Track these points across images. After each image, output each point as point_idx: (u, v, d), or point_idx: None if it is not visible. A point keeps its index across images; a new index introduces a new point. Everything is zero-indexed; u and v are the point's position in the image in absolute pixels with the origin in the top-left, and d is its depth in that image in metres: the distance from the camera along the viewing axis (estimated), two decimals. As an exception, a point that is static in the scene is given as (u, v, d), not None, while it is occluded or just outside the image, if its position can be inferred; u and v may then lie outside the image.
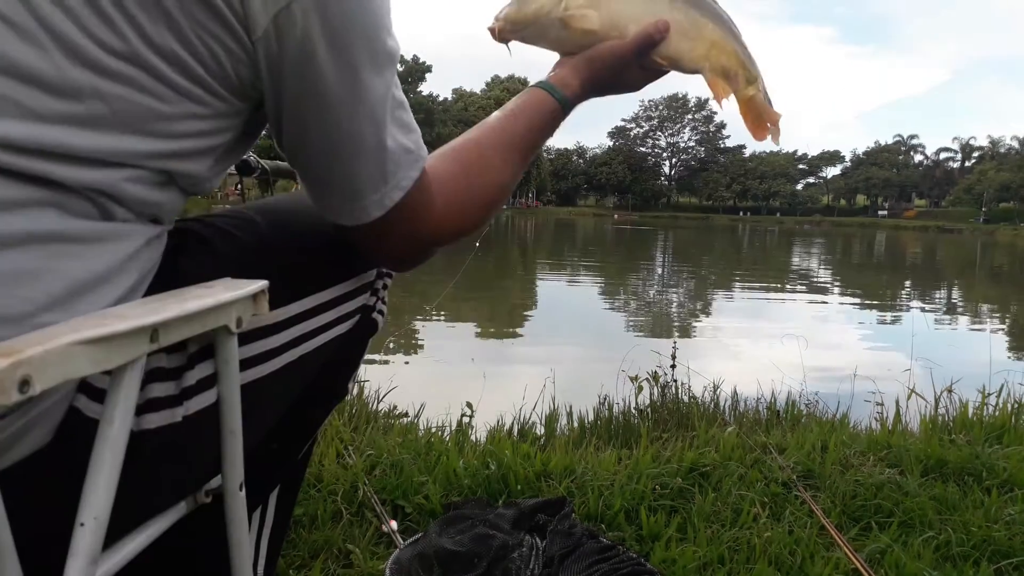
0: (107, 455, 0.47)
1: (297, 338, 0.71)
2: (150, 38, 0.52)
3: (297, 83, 0.59)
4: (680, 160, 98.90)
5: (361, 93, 0.61)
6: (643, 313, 9.44)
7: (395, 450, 1.68)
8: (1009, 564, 1.36)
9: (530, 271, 15.08)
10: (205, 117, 0.58)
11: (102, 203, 0.54)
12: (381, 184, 0.65)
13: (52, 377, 0.39)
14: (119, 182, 0.55)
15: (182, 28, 0.53)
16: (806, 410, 2.74)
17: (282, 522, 0.91)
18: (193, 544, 0.72)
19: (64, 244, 0.52)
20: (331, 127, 0.61)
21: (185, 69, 0.55)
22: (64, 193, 0.52)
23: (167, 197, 0.60)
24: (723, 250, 26.82)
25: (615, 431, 2.37)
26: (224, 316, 0.56)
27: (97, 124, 0.52)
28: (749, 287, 13.29)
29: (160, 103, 0.54)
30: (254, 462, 0.74)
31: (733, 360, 5.76)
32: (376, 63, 0.61)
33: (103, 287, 0.55)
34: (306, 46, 0.57)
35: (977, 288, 14.73)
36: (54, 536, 0.48)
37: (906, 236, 51.38)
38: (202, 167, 0.61)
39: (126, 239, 0.57)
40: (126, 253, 0.57)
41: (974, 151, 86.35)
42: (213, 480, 0.67)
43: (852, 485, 1.65)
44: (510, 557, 1.22)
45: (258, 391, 0.69)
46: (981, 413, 2.40)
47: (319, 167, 0.66)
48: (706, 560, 1.33)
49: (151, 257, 0.61)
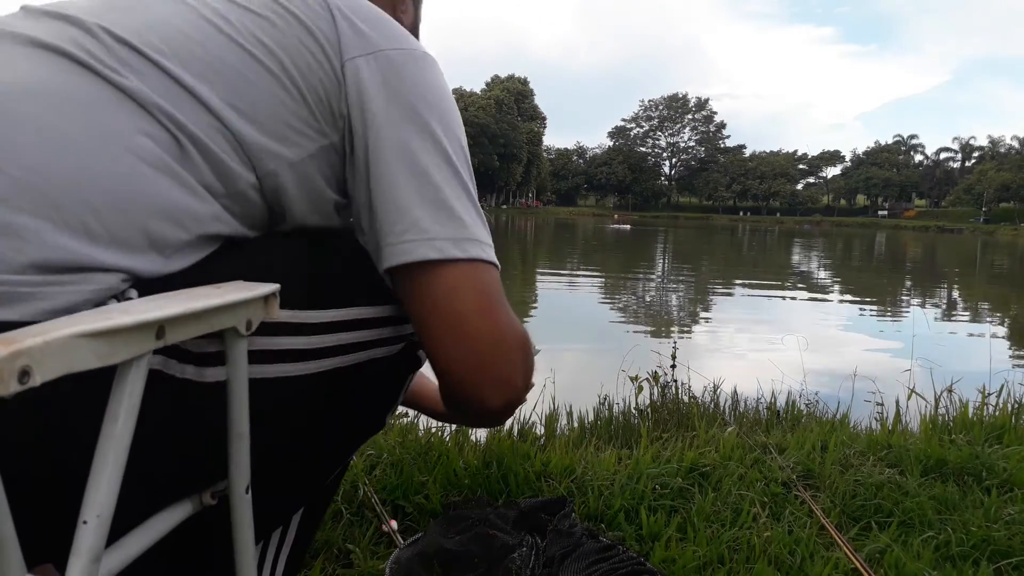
0: (110, 452, 0.47)
1: (335, 347, 0.70)
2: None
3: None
4: (680, 160, 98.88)
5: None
6: (643, 313, 9.44)
7: (395, 450, 1.68)
8: (1009, 564, 1.36)
9: (530, 270, 15.08)
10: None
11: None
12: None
13: (52, 369, 0.39)
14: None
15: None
16: (806, 410, 2.74)
17: (302, 545, 0.89)
18: (204, 555, 0.72)
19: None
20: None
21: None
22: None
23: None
24: (723, 250, 26.82)
25: (615, 431, 2.36)
26: (233, 317, 0.56)
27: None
28: (749, 287, 13.29)
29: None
30: (278, 478, 0.72)
31: (733, 360, 5.76)
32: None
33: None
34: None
35: (977, 288, 14.72)
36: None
37: (906, 236, 51.36)
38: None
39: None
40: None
41: (974, 151, 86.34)
42: (220, 482, 0.66)
43: (852, 485, 1.65)
44: (510, 557, 1.22)
45: (288, 392, 0.68)
46: (981, 413, 2.40)
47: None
48: (706, 560, 1.33)
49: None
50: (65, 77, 0.62)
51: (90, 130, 0.61)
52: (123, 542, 0.55)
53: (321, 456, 0.79)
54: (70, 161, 0.59)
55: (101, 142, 0.61)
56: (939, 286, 15.20)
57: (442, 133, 0.72)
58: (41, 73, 0.62)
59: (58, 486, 0.56)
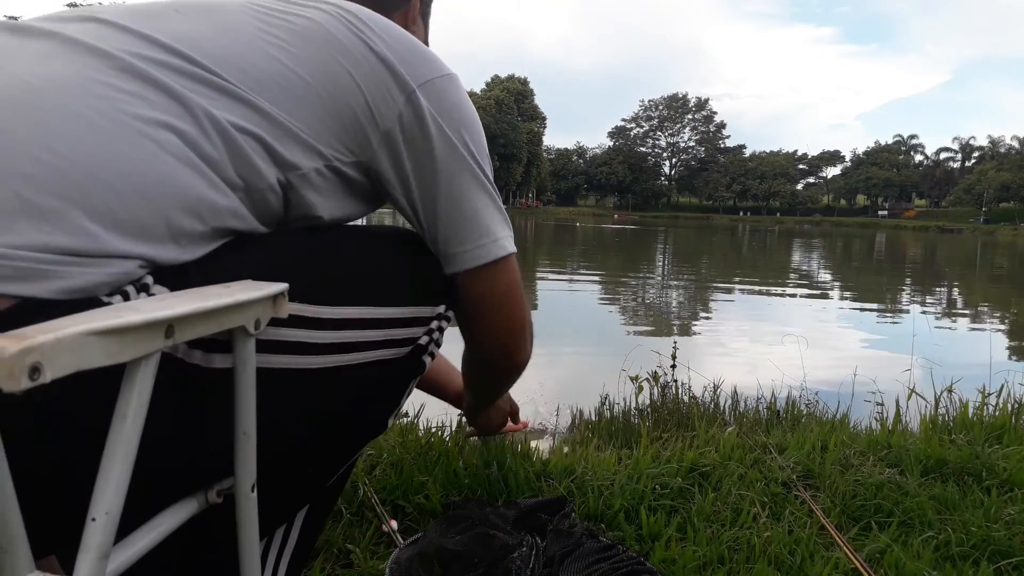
0: (119, 450, 0.47)
1: (340, 344, 0.71)
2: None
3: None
4: (680, 160, 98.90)
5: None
6: (643, 313, 9.44)
7: (395, 450, 1.68)
8: (1009, 564, 1.36)
9: (530, 270, 15.08)
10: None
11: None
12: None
13: (63, 366, 0.39)
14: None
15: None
16: (806, 410, 2.74)
17: (306, 544, 0.90)
18: (209, 553, 0.72)
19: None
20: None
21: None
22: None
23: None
24: (723, 250, 26.83)
25: (615, 431, 2.36)
26: (242, 317, 0.57)
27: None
28: (749, 287, 13.29)
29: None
30: (282, 475, 0.73)
31: (733, 360, 5.75)
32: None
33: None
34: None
35: (977, 288, 14.72)
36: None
37: (906, 236, 51.37)
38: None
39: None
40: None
41: (974, 151, 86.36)
42: (226, 481, 0.66)
43: (852, 485, 1.65)
44: (510, 557, 1.22)
45: (296, 384, 0.69)
46: (981, 413, 2.40)
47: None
48: (706, 560, 1.33)
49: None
50: (96, 71, 0.64)
51: (117, 120, 0.63)
52: (130, 539, 0.55)
53: (324, 453, 0.80)
54: (99, 149, 0.61)
55: (129, 132, 0.63)
56: (939, 286, 15.20)
57: (475, 148, 0.83)
58: (74, 68, 0.64)
59: (65, 482, 0.57)
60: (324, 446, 0.79)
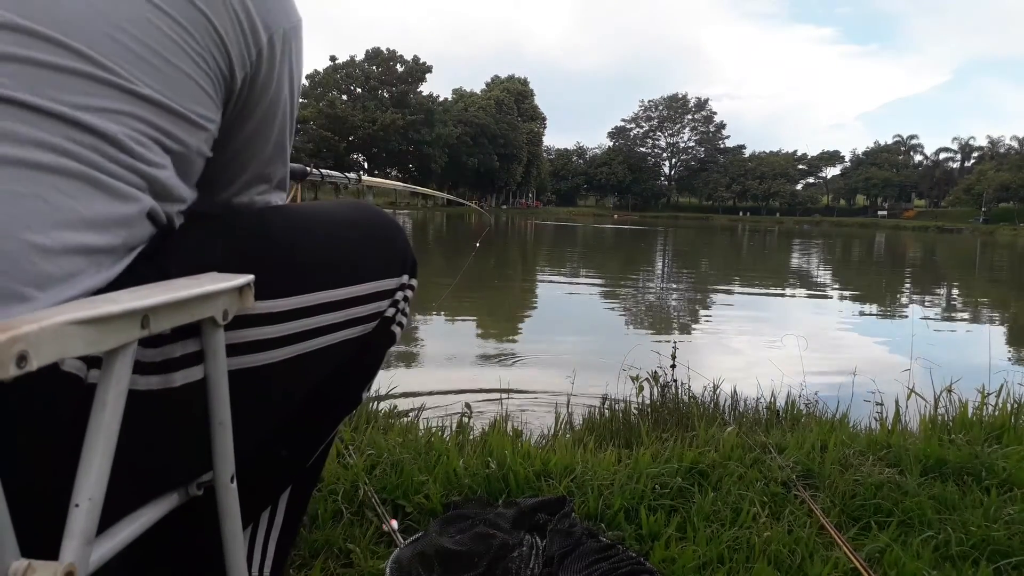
0: (100, 438, 0.48)
1: (304, 332, 0.71)
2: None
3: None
4: (680, 160, 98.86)
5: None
6: (643, 313, 9.44)
7: (395, 450, 1.69)
8: (1008, 564, 1.37)
9: (530, 270, 15.08)
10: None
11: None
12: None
13: (47, 354, 0.40)
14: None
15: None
16: (806, 410, 2.74)
17: (291, 525, 0.90)
18: (196, 540, 0.72)
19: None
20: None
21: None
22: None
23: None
24: (723, 250, 26.82)
25: (615, 431, 2.37)
26: (211, 307, 0.58)
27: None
28: (749, 287, 13.29)
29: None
30: (260, 462, 0.74)
31: (733, 360, 5.75)
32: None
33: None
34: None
35: (977, 288, 14.72)
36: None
37: (906, 236, 51.37)
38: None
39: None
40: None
41: (973, 151, 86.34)
42: (205, 474, 0.67)
43: (851, 485, 1.65)
44: (510, 556, 1.22)
45: (261, 380, 0.69)
46: (980, 413, 2.40)
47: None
48: (706, 559, 1.33)
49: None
50: None
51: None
52: (112, 530, 0.57)
53: (299, 437, 0.81)
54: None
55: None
56: (938, 286, 15.20)
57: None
58: None
59: (49, 476, 0.57)
60: (299, 429, 0.80)
